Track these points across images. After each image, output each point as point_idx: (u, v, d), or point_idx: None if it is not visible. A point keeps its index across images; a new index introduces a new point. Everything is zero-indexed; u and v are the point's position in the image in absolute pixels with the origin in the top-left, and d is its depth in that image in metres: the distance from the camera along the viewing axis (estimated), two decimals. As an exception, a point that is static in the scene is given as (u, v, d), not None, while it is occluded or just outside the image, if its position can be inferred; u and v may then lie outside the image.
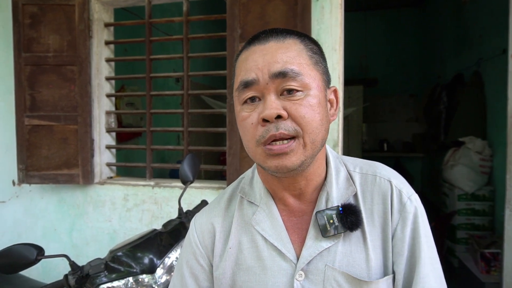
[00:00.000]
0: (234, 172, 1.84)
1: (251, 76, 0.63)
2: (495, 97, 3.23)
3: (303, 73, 0.63)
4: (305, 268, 0.68)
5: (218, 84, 3.95)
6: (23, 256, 1.06)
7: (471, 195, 3.26)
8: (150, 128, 2.12)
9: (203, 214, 0.80)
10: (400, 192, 0.69)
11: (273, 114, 0.61)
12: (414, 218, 0.68)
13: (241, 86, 0.65)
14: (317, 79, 0.65)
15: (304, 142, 0.62)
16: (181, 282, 0.78)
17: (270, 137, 0.62)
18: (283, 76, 0.62)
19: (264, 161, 0.64)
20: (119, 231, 2.10)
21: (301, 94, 0.62)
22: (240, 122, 0.67)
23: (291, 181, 0.69)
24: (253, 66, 0.64)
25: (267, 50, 0.64)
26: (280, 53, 0.63)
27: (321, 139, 0.65)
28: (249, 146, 0.66)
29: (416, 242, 0.67)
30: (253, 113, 0.64)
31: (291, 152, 0.62)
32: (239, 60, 0.69)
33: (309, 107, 0.62)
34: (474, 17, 3.68)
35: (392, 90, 5.73)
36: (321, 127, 0.64)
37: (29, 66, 2.03)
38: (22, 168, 2.05)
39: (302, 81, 0.63)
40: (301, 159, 0.63)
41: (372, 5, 5.60)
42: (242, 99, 0.66)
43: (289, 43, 0.65)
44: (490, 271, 2.66)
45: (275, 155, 0.62)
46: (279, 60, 0.62)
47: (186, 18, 2.02)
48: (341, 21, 1.76)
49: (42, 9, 2.03)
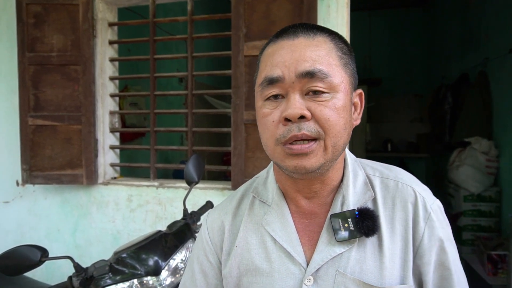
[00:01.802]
0: (239, 172, 1.82)
1: (277, 73, 0.61)
2: (501, 97, 3.20)
3: (331, 74, 0.60)
4: (315, 272, 0.65)
5: (221, 84, 3.96)
6: (27, 257, 1.05)
7: (477, 196, 3.23)
8: (154, 128, 2.10)
9: (215, 212, 0.80)
10: (424, 199, 0.67)
11: (296, 114, 0.58)
12: (440, 226, 0.66)
13: (265, 82, 0.62)
14: (345, 81, 0.62)
15: (325, 145, 0.60)
16: (191, 278, 0.78)
17: (292, 137, 0.59)
18: (310, 76, 0.59)
19: (282, 160, 0.62)
20: (122, 231, 2.09)
21: (327, 96, 0.60)
22: (261, 118, 0.64)
23: (306, 184, 0.67)
24: (280, 62, 0.61)
25: (296, 46, 0.61)
26: (310, 50, 0.60)
27: (343, 143, 0.63)
28: (268, 144, 0.64)
29: (444, 251, 0.65)
30: (275, 110, 0.62)
31: (311, 153, 0.60)
32: (265, 54, 0.66)
33: (334, 110, 0.60)
34: (479, 16, 3.65)
35: (396, 90, 5.70)
36: (344, 131, 0.62)
37: (33, 65, 2.02)
38: (25, 168, 2.04)
39: (330, 83, 0.60)
40: (321, 161, 0.61)
41: (376, 4, 5.57)
42: (265, 95, 0.63)
43: (319, 40, 0.62)
44: (497, 273, 2.63)
45: (294, 155, 0.60)
46: (307, 58, 0.60)
47: (190, 17, 2.01)
48: (347, 20, 1.74)
49: (46, 8, 2.02)
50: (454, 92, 4.00)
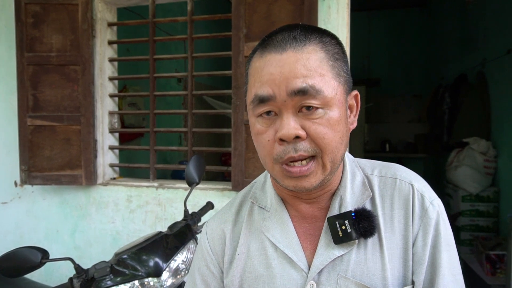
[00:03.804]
0: (239, 173, 1.82)
1: (267, 92, 0.59)
2: (499, 98, 3.21)
3: (324, 89, 0.58)
4: (316, 278, 0.64)
5: (220, 85, 3.95)
6: (28, 259, 1.05)
7: (475, 196, 3.24)
8: (154, 128, 2.10)
9: (214, 220, 0.78)
10: (422, 196, 0.65)
11: (291, 135, 0.57)
12: (436, 225, 0.63)
13: (256, 101, 0.60)
14: (339, 92, 0.60)
15: (323, 162, 0.60)
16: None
17: (289, 159, 0.59)
18: (302, 94, 0.57)
19: (282, 179, 0.62)
20: (122, 232, 2.08)
21: (321, 112, 0.58)
22: (255, 135, 0.63)
23: (305, 192, 0.65)
24: (269, 80, 0.58)
25: (285, 61, 0.58)
26: (300, 65, 0.57)
27: (341, 156, 0.62)
28: (266, 161, 0.63)
29: (437, 251, 0.62)
30: (270, 129, 0.60)
31: (311, 174, 0.60)
32: (253, 67, 0.63)
33: (329, 126, 0.59)
34: (478, 17, 3.66)
35: (395, 90, 5.71)
36: (340, 145, 0.61)
37: (32, 66, 2.01)
38: (24, 169, 2.03)
39: (323, 98, 0.58)
40: (320, 179, 0.61)
41: (375, 5, 5.58)
42: (257, 113, 0.62)
43: (309, 51, 0.58)
44: (495, 273, 2.64)
45: (294, 177, 0.60)
46: (298, 75, 0.57)
47: (190, 17, 2.00)
48: (347, 21, 1.74)
49: (45, 8, 2.01)
50: (453, 92, 4.01)
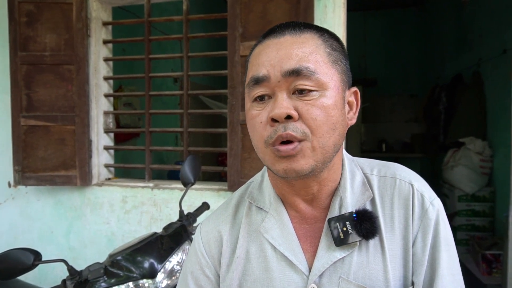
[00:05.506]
0: (235, 173, 1.81)
1: (262, 72, 0.59)
2: (495, 97, 3.22)
3: (318, 71, 0.58)
4: (317, 281, 0.62)
5: (216, 84, 3.94)
6: (20, 261, 1.03)
7: (471, 196, 3.25)
8: (149, 128, 2.08)
9: (210, 221, 0.74)
10: (422, 196, 0.64)
11: (282, 114, 0.56)
12: (435, 225, 0.63)
13: (251, 82, 0.61)
14: (335, 78, 0.60)
15: (313, 146, 0.58)
16: None
17: (278, 138, 0.57)
18: (296, 75, 0.57)
19: (272, 163, 0.60)
20: (117, 233, 2.06)
21: (315, 94, 0.58)
22: (249, 120, 0.63)
23: (302, 185, 0.64)
24: (265, 61, 0.59)
25: (282, 44, 0.59)
26: (295, 48, 0.58)
27: (333, 144, 0.60)
28: (258, 146, 0.62)
29: (437, 251, 0.62)
30: (263, 111, 0.60)
31: (299, 154, 0.57)
32: (252, 55, 0.64)
33: (323, 108, 0.57)
34: (473, 17, 3.68)
35: (391, 90, 5.72)
36: (332, 131, 0.59)
37: (26, 65, 1.99)
38: (18, 170, 2.00)
39: (317, 80, 0.58)
40: (311, 163, 0.58)
41: (371, 5, 5.59)
42: (252, 96, 0.62)
43: (306, 37, 0.60)
44: (491, 273, 2.65)
45: (283, 158, 0.58)
46: (293, 56, 0.58)
47: (186, 17, 1.99)
48: (344, 20, 1.73)
49: (38, 7, 1.99)
50: (449, 92, 4.02)
